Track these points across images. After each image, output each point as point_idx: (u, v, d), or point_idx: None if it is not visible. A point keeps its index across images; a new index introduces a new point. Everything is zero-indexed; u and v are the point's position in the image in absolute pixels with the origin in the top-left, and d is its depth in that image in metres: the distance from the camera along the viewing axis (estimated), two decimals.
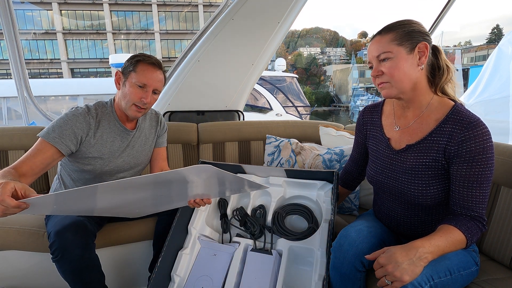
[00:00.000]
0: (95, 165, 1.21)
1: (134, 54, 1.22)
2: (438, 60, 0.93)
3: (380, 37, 0.90)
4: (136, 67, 1.17)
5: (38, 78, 21.18)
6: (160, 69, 1.21)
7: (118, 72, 1.21)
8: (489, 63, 3.37)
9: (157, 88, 1.21)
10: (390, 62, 0.88)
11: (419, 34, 0.88)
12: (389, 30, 0.89)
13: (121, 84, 1.21)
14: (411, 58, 0.88)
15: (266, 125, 2.01)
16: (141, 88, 1.17)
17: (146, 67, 1.17)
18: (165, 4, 30.52)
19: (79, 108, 1.18)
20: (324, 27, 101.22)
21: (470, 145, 0.82)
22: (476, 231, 0.84)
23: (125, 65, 1.20)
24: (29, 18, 28.33)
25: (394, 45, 0.87)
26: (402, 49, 0.87)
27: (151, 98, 1.20)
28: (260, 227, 1.18)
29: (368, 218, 1.10)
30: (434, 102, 0.93)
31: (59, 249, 1.00)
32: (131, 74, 1.17)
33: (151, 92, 1.19)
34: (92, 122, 1.18)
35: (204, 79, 2.10)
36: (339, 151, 1.55)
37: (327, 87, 44.04)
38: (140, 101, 1.17)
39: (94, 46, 30.39)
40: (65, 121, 1.12)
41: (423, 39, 0.88)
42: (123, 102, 1.19)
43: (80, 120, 1.14)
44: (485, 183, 0.83)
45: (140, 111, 1.20)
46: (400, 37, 0.87)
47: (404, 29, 0.88)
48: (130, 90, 1.17)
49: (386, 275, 0.75)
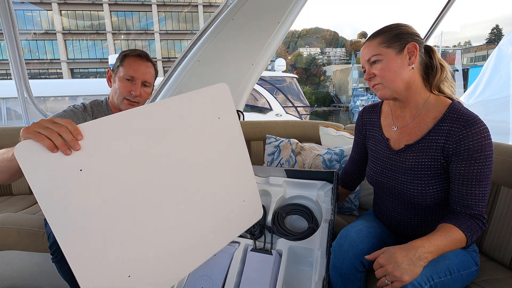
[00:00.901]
0: None
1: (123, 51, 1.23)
2: (432, 59, 0.94)
3: (369, 42, 0.94)
4: (123, 61, 1.18)
5: (38, 79, 21.20)
6: (147, 60, 1.21)
7: (109, 70, 1.22)
8: (489, 63, 3.38)
9: (146, 80, 1.19)
10: (380, 64, 0.91)
11: (407, 35, 0.90)
12: (377, 35, 0.93)
13: (112, 81, 1.22)
14: (401, 58, 0.89)
15: (266, 125, 2.01)
16: (129, 81, 1.17)
17: (132, 60, 1.18)
18: (165, 4, 30.54)
19: (77, 106, 1.19)
20: (324, 27, 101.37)
21: (468, 143, 0.82)
22: (476, 229, 0.84)
23: (115, 62, 1.21)
24: (29, 18, 28.35)
25: (382, 47, 0.90)
26: (390, 51, 0.90)
27: (142, 91, 1.19)
28: (260, 227, 1.18)
29: (368, 218, 1.10)
30: (431, 101, 0.93)
31: (59, 249, 1.00)
32: (119, 69, 1.18)
33: (140, 84, 1.18)
34: (88, 119, 1.18)
35: (204, 79, 2.10)
36: (339, 151, 1.55)
37: (327, 87, 44.09)
38: (130, 94, 1.16)
39: (94, 46, 30.41)
40: (65, 117, 1.12)
41: (412, 40, 0.90)
42: (115, 98, 1.20)
43: (78, 117, 1.14)
44: (484, 180, 0.83)
45: (132, 104, 1.18)
46: (388, 39, 0.90)
47: (392, 32, 0.91)
48: (119, 84, 1.17)
49: (386, 275, 0.75)
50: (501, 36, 34.20)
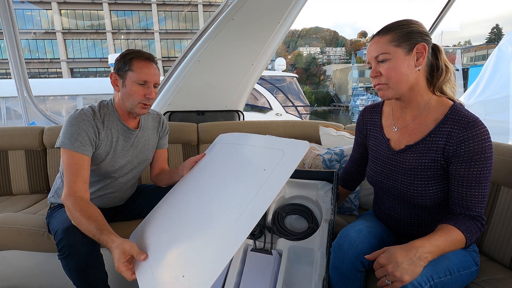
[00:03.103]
0: (99, 165, 1.21)
1: (123, 52, 1.21)
2: (438, 60, 0.92)
3: (379, 38, 0.90)
4: (131, 65, 1.16)
5: (37, 78, 21.18)
6: (154, 62, 1.22)
7: (114, 74, 1.20)
8: (489, 63, 3.37)
9: (156, 82, 1.22)
10: (388, 63, 0.88)
11: (417, 34, 0.88)
12: (387, 31, 0.90)
13: (120, 85, 1.19)
14: (409, 59, 0.88)
15: (266, 125, 2.01)
16: (143, 86, 1.17)
17: (142, 64, 1.17)
18: (165, 4, 30.50)
19: (86, 111, 1.17)
20: (324, 27, 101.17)
21: (469, 145, 0.82)
22: (475, 230, 0.84)
23: (119, 66, 1.19)
24: (29, 18, 28.31)
25: (392, 46, 0.88)
26: (400, 50, 0.87)
27: (154, 93, 1.22)
28: (260, 227, 1.18)
29: (368, 218, 1.10)
30: (433, 102, 0.92)
31: (67, 246, 1.00)
32: (128, 74, 1.17)
33: (152, 87, 1.20)
34: (99, 124, 1.18)
35: (204, 79, 2.10)
36: (339, 151, 1.55)
37: (327, 87, 44.08)
38: (145, 98, 1.18)
39: (94, 46, 30.37)
40: (79, 127, 1.12)
41: (422, 40, 0.88)
42: (128, 103, 1.19)
43: (91, 124, 1.15)
44: (484, 182, 0.83)
45: (146, 107, 1.22)
46: (398, 38, 0.87)
47: (403, 29, 0.88)
48: (132, 89, 1.16)
49: (386, 275, 0.75)
50: (501, 35, 34.20)
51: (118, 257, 0.87)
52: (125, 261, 0.87)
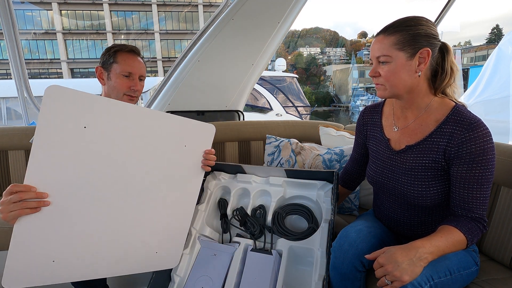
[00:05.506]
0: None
1: (109, 47, 1.22)
2: (444, 61, 0.90)
3: (383, 37, 0.88)
4: (115, 58, 1.18)
5: (38, 78, 21.19)
6: (138, 55, 1.23)
7: (99, 68, 1.21)
8: (489, 63, 3.37)
9: (142, 74, 1.22)
10: (388, 66, 0.88)
11: (424, 38, 0.85)
12: (393, 31, 0.87)
13: (105, 79, 1.21)
14: (410, 64, 0.86)
15: (266, 125, 2.01)
16: (127, 77, 1.18)
17: (126, 56, 1.18)
18: (165, 4, 30.53)
19: None
20: (324, 27, 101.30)
21: (471, 147, 0.82)
22: (476, 232, 0.83)
23: (104, 59, 1.20)
24: (29, 18, 28.34)
25: (394, 49, 0.86)
26: (402, 54, 0.86)
27: (139, 85, 1.22)
28: (260, 227, 1.18)
29: (368, 218, 1.10)
30: (434, 103, 0.92)
31: None
32: (113, 66, 1.18)
33: (137, 79, 1.21)
34: None
35: (204, 79, 2.10)
36: (339, 151, 1.55)
37: (327, 87, 44.10)
38: (130, 89, 1.19)
39: (94, 46, 30.39)
40: None
41: (427, 44, 0.85)
42: (113, 95, 1.20)
43: None
44: (486, 184, 0.83)
45: (133, 99, 1.22)
46: (402, 41, 0.85)
47: (410, 31, 0.85)
48: (117, 81, 1.17)
49: (386, 275, 0.75)
50: (501, 36, 34.17)
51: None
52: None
